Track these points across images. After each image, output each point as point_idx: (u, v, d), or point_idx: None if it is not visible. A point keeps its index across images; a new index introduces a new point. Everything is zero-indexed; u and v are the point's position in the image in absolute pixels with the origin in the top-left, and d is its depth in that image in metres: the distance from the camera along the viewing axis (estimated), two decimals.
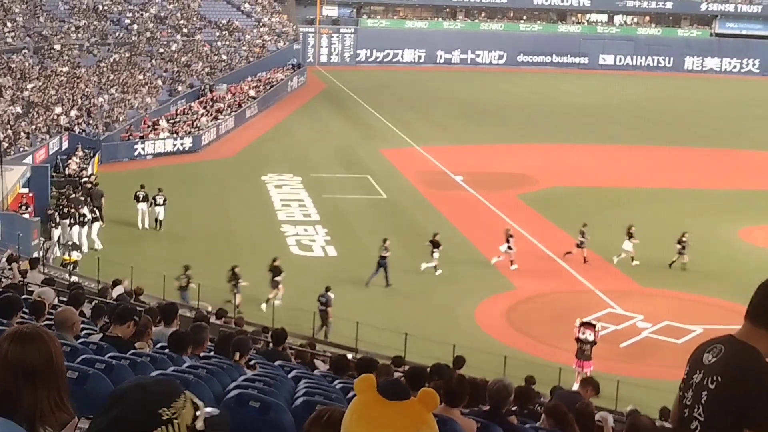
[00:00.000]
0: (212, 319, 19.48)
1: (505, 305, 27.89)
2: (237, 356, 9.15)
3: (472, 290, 28.91)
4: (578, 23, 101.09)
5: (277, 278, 27.14)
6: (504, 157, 49.97)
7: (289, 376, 9.43)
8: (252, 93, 62.47)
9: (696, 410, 3.66)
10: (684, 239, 31.35)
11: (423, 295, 28.54)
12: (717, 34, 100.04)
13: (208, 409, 2.96)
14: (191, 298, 25.94)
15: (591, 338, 21.91)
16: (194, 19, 73.88)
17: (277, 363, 10.81)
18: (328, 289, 25.42)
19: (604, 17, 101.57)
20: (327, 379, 9.98)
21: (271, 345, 13.65)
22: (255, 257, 30.69)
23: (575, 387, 20.37)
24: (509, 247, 30.70)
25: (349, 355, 14.27)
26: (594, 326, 22.25)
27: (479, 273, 30.50)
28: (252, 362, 9.77)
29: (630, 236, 31.32)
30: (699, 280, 30.01)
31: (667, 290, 29.32)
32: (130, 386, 2.72)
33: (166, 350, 9.29)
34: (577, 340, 22.09)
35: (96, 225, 32.51)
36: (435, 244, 30.09)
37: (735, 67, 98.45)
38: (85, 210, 32.63)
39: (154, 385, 2.73)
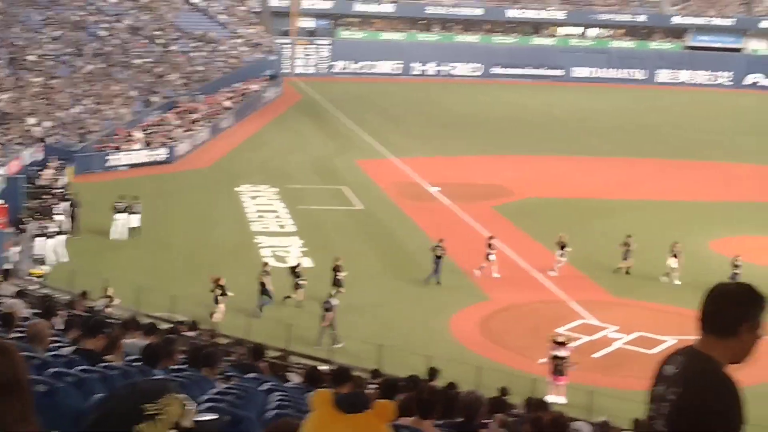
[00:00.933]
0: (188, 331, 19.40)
1: (480, 316, 27.95)
2: (206, 370, 9.12)
3: (448, 301, 28.95)
4: (552, 36, 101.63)
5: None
6: (480, 168, 50.13)
7: (262, 388, 9.40)
8: (227, 104, 62.35)
9: (659, 422, 3.70)
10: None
11: (398, 306, 28.54)
12: (689, 47, 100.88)
13: (208, 416, 3.04)
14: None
15: (565, 354, 21.99)
16: (169, 30, 73.67)
17: (250, 375, 10.78)
18: (331, 296, 26.05)
19: (578, 30, 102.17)
20: (300, 392, 9.96)
21: (246, 358, 13.62)
22: (229, 268, 30.62)
23: (548, 398, 20.47)
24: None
25: (324, 367, 14.25)
26: (564, 343, 22.30)
27: (454, 284, 30.56)
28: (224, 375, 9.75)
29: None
30: (671, 291, 30.20)
31: (640, 301, 29.49)
32: (122, 385, 2.83)
33: (139, 363, 9.24)
34: (553, 357, 22.17)
35: (62, 237, 32.25)
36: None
37: (707, 79, 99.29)
38: (55, 221, 32.44)
39: (144, 383, 2.87)
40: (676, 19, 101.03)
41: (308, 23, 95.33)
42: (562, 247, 31.83)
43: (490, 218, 38.92)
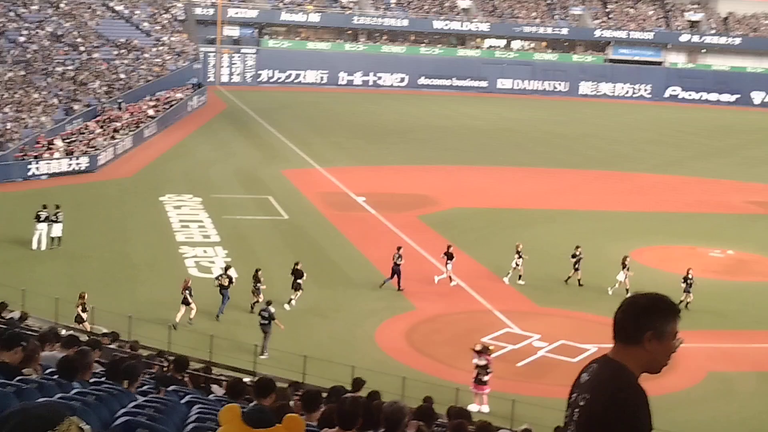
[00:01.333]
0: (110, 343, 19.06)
1: (405, 326, 28.00)
2: (126, 383, 8.97)
3: (373, 311, 28.96)
4: (477, 48, 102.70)
5: (299, 281, 28.57)
6: (405, 178, 50.35)
7: (183, 401, 9.28)
8: (151, 112, 61.61)
9: (571, 428, 3.77)
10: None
11: (324, 316, 28.45)
12: (610, 60, 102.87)
13: None
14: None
15: (482, 363, 22.11)
16: (92, 37, 72.59)
17: (171, 388, 10.63)
18: (269, 303, 25.76)
19: (502, 42, 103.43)
20: (222, 404, 9.84)
21: (169, 370, 13.44)
22: (153, 279, 30.25)
23: (472, 407, 20.61)
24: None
25: (247, 379, 14.11)
26: (483, 352, 22.37)
27: (380, 294, 30.59)
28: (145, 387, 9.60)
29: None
30: (593, 300, 30.64)
31: (563, 310, 29.87)
32: (13, 411, 2.68)
33: (56, 376, 9.04)
34: (475, 366, 22.31)
35: None
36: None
37: (627, 92, 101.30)
38: None
39: (38, 408, 2.71)
40: (598, 33, 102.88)
41: (234, 32, 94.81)
42: (519, 256, 32.10)
43: (415, 228, 39.09)
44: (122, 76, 67.45)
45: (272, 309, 25.58)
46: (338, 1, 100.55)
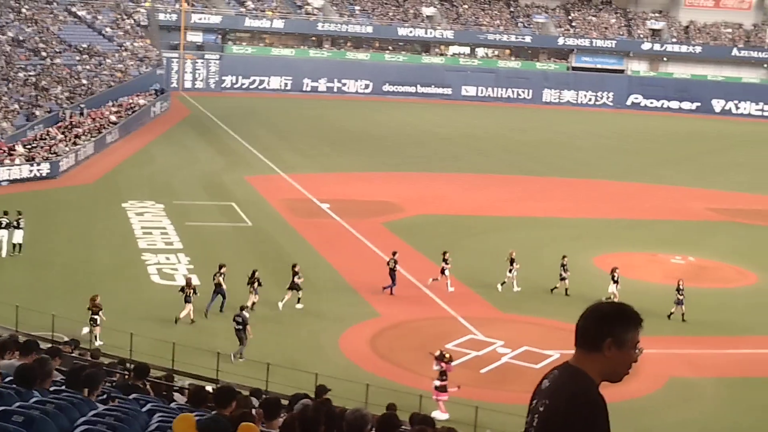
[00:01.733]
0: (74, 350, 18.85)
1: (369, 333, 27.96)
2: (86, 391, 8.86)
3: (338, 318, 28.89)
4: (442, 55, 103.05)
5: (297, 280, 29.14)
6: (370, 185, 50.36)
7: (144, 409, 9.19)
8: (113, 118, 61.13)
9: None
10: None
11: (287, 323, 28.34)
12: (573, 68, 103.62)
13: None
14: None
15: (438, 368, 22.11)
16: (54, 42, 71.96)
17: (132, 396, 10.53)
18: (243, 308, 25.78)
19: (466, 50, 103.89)
20: (183, 412, 9.76)
21: (130, 378, 13.31)
22: (115, 286, 29.99)
23: (435, 414, 20.62)
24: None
25: (209, 387, 14.01)
26: (439, 359, 22.34)
27: (345, 301, 30.53)
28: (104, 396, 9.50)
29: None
30: (556, 306, 30.78)
31: (526, 316, 29.97)
32: None
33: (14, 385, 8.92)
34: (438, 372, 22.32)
35: None
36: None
37: (590, 99, 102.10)
38: None
39: None
40: (561, 41, 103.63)
41: (197, 38, 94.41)
42: (512, 263, 32.16)
43: (380, 235, 39.09)
44: (84, 81, 66.91)
45: (246, 314, 25.55)
46: (302, 8, 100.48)
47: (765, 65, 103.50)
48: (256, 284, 28.70)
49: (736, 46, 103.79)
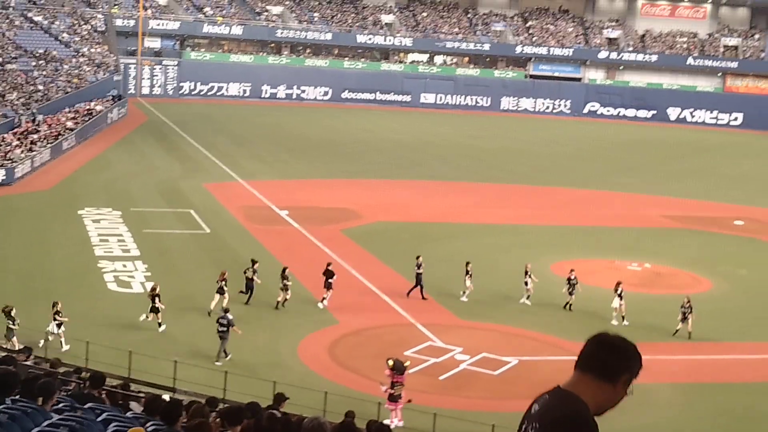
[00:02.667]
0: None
1: (328, 340, 27.92)
2: (41, 400, 8.78)
3: (296, 325, 28.82)
4: (401, 62, 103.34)
5: (330, 280, 30.18)
6: (329, 192, 50.33)
7: (99, 419, 9.12)
8: (69, 124, 60.56)
9: None
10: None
11: (245, 331, 28.20)
12: (531, 76, 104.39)
13: None
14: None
15: (387, 374, 22.07)
16: (9, 48, 71.15)
17: (87, 405, 10.44)
18: (226, 311, 26.13)
19: (425, 57, 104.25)
20: (140, 421, 9.70)
21: (86, 387, 13.18)
22: (71, 293, 29.66)
23: (388, 422, 20.64)
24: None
25: (166, 396, 13.93)
26: (392, 369, 22.22)
27: (303, 308, 30.45)
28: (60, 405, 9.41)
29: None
30: (514, 313, 30.97)
31: (484, 323, 30.08)
32: None
33: None
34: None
35: None
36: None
37: (548, 107, 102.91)
38: None
39: None
40: (519, 49, 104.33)
41: (155, 44, 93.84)
42: (527, 274, 31.98)
43: (339, 242, 39.07)
44: (40, 87, 66.22)
45: (230, 316, 25.85)
46: (261, 14, 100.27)
47: (719, 74, 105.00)
48: (287, 281, 29.91)
49: (691, 55, 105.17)
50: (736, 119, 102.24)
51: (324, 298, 30.44)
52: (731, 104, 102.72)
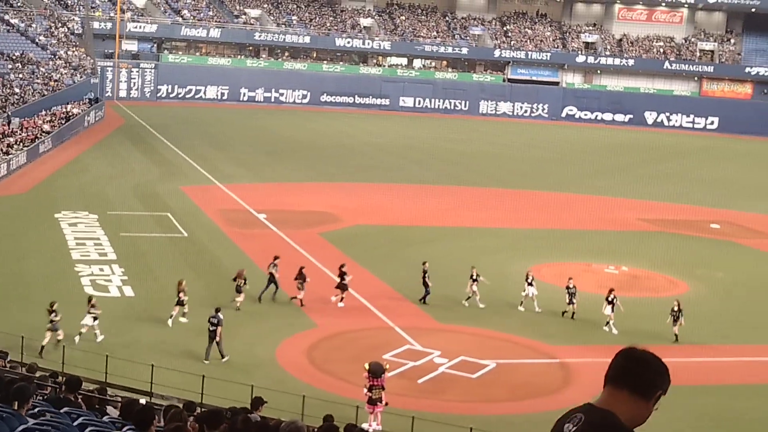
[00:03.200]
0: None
1: (306, 344, 27.86)
2: (16, 405, 8.70)
3: (274, 329, 28.76)
4: (379, 66, 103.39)
5: (344, 281, 30.85)
6: (307, 195, 50.25)
7: (76, 423, 9.05)
8: (46, 127, 60.19)
9: None
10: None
11: (224, 335, 28.08)
12: (509, 80, 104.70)
13: None
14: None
15: (365, 377, 22.04)
16: None
17: (63, 410, 10.36)
18: (218, 310, 26.18)
19: (403, 61, 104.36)
20: (116, 426, 9.65)
21: (62, 392, 13.09)
22: (47, 297, 29.41)
23: (366, 426, 20.63)
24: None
25: (142, 400, 13.86)
26: (368, 372, 22.19)
27: (282, 311, 30.40)
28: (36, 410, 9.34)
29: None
30: (492, 316, 31.01)
31: (462, 326, 30.11)
32: None
33: None
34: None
35: None
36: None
37: (526, 111, 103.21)
38: None
39: None
40: (497, 53, 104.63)
41: (132, 46, 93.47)
42: (527, 280, 31.80)
43: (317, 245, 39.01)
44: (17, 90, 65.76)
45: (221, 316, 26.00)
46: (239, 17, 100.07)
47: (696, 78, 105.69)
48: (303, 281, 30.62)
49: (668, 59, 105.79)
50: (712, 123, 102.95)
51: (342, 298, 31.09)
52: (707, 108, 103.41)
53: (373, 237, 41.47)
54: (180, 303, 28.61)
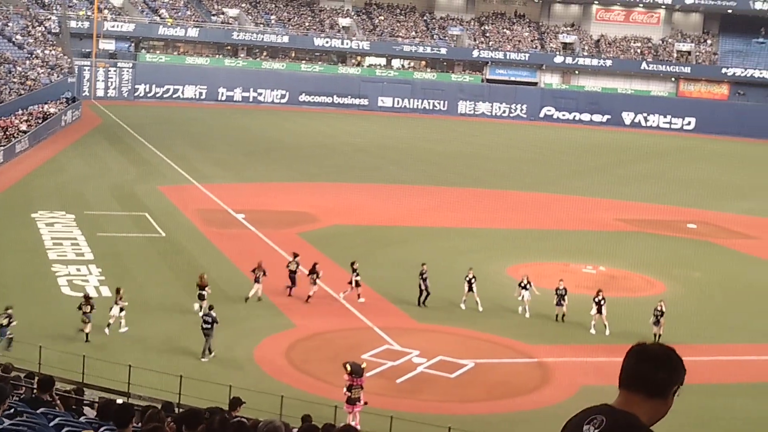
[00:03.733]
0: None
1: (285, 344, 27.81)
2: None
3: (253, 330, 28.69)
4: (358, 66, 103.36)
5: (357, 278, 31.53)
6: (285, 195, 50.18)
7: (52, 424, 9.00)
8: (23, 127, 59.80)
9: None
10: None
11: (200, 335, 28.01)
12: (488, 80, 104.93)
13: None
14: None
15: (345, 378, 22.06)
16: None
17: (40, 410, 10.30)
18: (211, 308, 26.72)
19: (382, 61, 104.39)
20: (93, 426, 9.60)
21: (35, 392, 12.99)
22: (24, 297, 29.27)
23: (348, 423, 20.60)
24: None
25: (119, 401, 13.79)
26: (349, 373, 22.21)
27: (260, 312, 30.33)
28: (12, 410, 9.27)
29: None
30: (470, 316, 31.07)
31: (441, 326, 30.15)
32: None
33: None
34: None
35: None
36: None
37: (504, 111, 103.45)
38: None
39: None
40: (476, 53, 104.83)
41: (110, 45, 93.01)
42: (522, 285, 31.50)
43: (295, 245, 38.92)
44: None
45: (214, 314, 26.34)
46: (217, 17, 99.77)
47: (673, 79, 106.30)
48: (316, 276, 31.35)
49: (645, 60, 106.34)
50: (689, 124, 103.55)
51: (359, 295, 31.64)
52: (684, 109, 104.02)
53: (351, 237, 41.45)
54: (201, 297, 29.14)
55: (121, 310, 27.47)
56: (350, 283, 31.78)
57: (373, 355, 26.61)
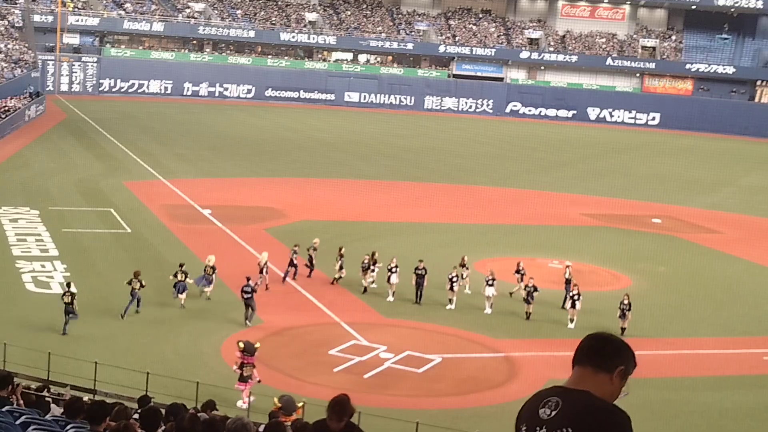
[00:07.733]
0: None
1: (252, 339, 27.66)
2: None
3: (220, 325, 28.59)
4: (324, 60, 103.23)
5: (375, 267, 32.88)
6: (252, 190, 50.04)
7: (18, 422, 8.94)
8: None
9: None
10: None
11: (169, 331, 27.91)
12: (454, 75, 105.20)
13: None
14: None
15: (238, 355, 22.77)
16: None
17: (5, 409, 10.21)
18: (248, 279, 28.57)
19: (349, 56, 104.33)
20: (60, 424, 9.54)
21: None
22: None
23: (240, 403, 21.04)
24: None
25: (86, 398, 13.70)
26: (242, 351, 22.67)
27: (227, 307, 30.22)
28: None
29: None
30: (437, 311, 31.16)
31: (408, 321, 30.22)
32: None
33: None
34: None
35: None
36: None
37: (471, 107, 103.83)
38: None
39: None
40: (442, 48, 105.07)
41: (74, 40, 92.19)
42: (487, 281, 31.64)
43: (263, 241, 38.86)
44: None
45: (252, 284, 28.58)
46: (183, 11, 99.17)
47: (637, 74, 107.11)
48: (341, 260, 33.08)
49: (611, 55, 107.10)
50: (653, 119, 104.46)
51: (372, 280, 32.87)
52: (649, 104, 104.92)
53: (319, 232, 41.31)
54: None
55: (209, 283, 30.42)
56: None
57: (340, 351, 26.63)
